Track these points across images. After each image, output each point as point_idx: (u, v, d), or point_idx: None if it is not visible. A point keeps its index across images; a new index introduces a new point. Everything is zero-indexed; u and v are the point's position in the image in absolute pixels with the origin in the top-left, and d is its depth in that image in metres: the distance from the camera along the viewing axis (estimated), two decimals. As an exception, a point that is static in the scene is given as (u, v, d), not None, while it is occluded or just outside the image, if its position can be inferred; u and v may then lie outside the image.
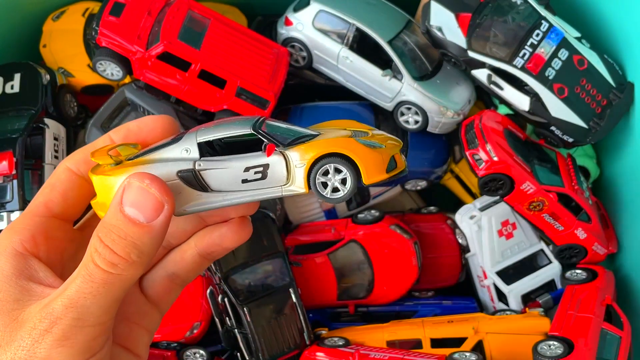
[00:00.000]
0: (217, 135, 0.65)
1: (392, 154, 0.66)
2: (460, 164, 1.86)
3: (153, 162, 0.64)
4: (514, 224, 1.69)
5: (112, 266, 0.55)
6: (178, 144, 0.65)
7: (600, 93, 1.58)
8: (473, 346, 1.44)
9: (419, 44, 1.71)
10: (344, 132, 0.68)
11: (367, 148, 0.64)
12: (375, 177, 0.65)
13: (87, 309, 0.55)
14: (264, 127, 0.66)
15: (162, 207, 0.56)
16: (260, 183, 0.64)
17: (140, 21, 1.59)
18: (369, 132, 0.70)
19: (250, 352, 1.49)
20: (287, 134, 0.66)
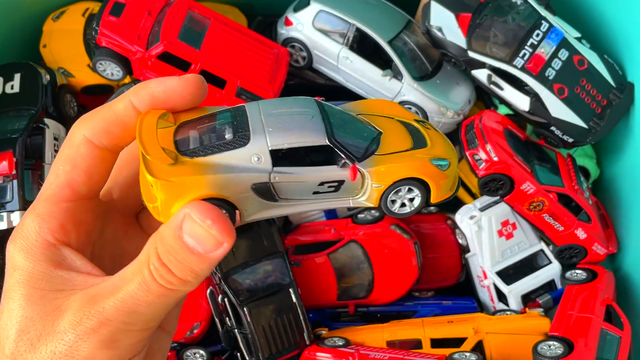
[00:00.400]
0: (292, 144, 0.61)
1: (456, 170, 0.68)
2: (460, 164, 1.86)
3: (223, 170, 0.59)
4: (514, 224, 1.69)
5: (169, 283, 0.55)
6: (248, 148, 0.60)
7: (600, 93, 1.58)
8: (473, 346, 1.44)
9: (419, 44, 1.71)
10: (401, 136, 0.68)
11: (440, 172, 0.66)
12: (442, 197, 0.68)
13: (140, 315, 0.55)
14: (336, 130, 0.63)
15: (222, 245, 0.54)
16: (331, 195, 0.64)
17: (141, 21, 1.59)
18: (422, 131, 0.70)
19: (250, 352, 1.49)
20: (352, 132, 0.65)
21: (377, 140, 0.66)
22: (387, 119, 0.70)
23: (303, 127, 0.62)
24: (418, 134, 0.69)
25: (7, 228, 1.45)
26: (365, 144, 0.64)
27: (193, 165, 0.59)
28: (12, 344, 0.55)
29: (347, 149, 0.63)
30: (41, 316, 0.56)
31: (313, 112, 0.64)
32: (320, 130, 0.62)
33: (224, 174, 0.59)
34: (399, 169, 0.64)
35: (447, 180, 0.67)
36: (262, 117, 0.63)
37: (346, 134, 0.64)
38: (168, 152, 0.58)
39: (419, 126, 0.71)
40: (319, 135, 0.62)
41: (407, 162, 0.65)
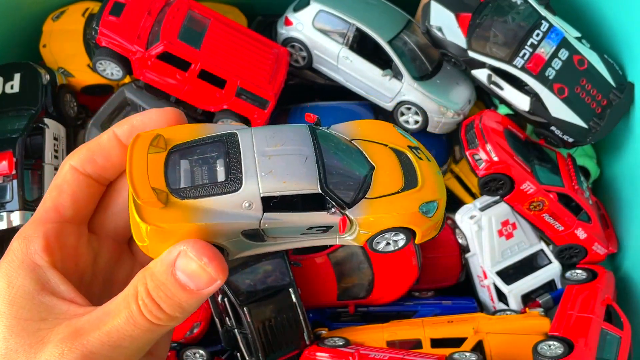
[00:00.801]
0: (284, 192, 0.61)
1: (444, 211, 0.69)
2: (460, 164, 1.86)
3: (211, 216, 0.59)
4: (514, 224, 1.69)
5: (156, 319, 0.56)
6: (239, 194, 0.60)
7: (601, 93, 1.58)
8: (473, 346, 1.44)
9: (419, 44, 1.71)
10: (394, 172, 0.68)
11: (427, 219, 0.67)
12: (426, 238, 0.70)
13: (124, 349, 0.55)
14: (330, 177, 0.63)
15: (215, 282, 0.56)
16: (319, 235, 0.66)
17: (140, 21, 1.59)
18: (414, 165, 0.70)
19: (250, 352, 1.49)
20: (344, 170, 0.65)
21: (369, 180, 0.66)
22: (381, 147, 0.71)
23: (296, 174, 0.62)
24: (410, 168, 0.70)
25: (7, 228, 1.45)
26: (355, 187, 0.65)
27: (183, 209, 0.59)
28: None
29: (338, 195, 0.63)
30: (25, 348, 0.56)
31: (307, 152, 0.63)
32: (313, 177, 0.62)
33: (214, 222, 0.59)
34: (388, 220, 0.66)
35: (435, 225, 0.69)
36: (255, 155, 0.61)
37: (339, 177, 0.64)
38: (159, 193, 0.58)
39: (412, 156, 0.71)
40: (312, 183, 0.62)
41: (396, 212, 0.66)
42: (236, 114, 1.65)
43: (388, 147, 0.71)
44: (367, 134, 0.72)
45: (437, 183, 0.70)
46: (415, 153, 0.72)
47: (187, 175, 0.60)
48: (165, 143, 0.63)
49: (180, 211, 0.58)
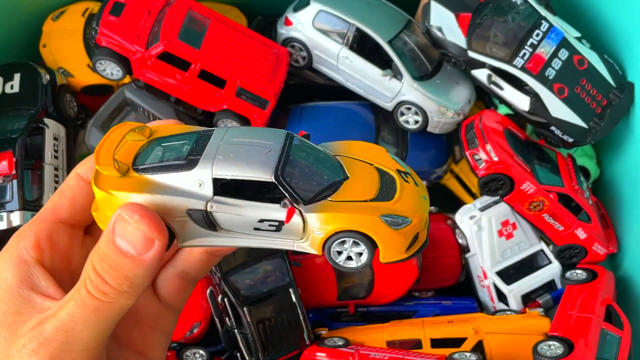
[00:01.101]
0: (236, 175, 0.60)
1: (417, 231, 0.63)
2: (460, 164, 1.86)
3: (162, 191, 0.59)
4: (514, 224, 1.69)
5: (103, 295, 0.55)
6: (192, 173, 0.60)
7: (601, 93, 1.58)
8: (473, 346, 1.44)
9: (419, 44, 1.71)
10: (369, 184, 0.64)
11: (390, 230, 0.61)
12: (393, 258, 0.62)
13: (77, 333, 0.55)
14: (288, 168, 0.60)
15: (153, 243, 0.55)
16: (273, 234, 0.62)
17: (140, 21, 1.59)
18: (396, 182, 0.65)
19: (250, 352, 1.49)
20: (311, 172, 0.62)
21: (337, 186, 0.62)
22: (366, 165, 0.67)
23: (252, 160, 0.60)
24: (390, 186, 0.65)
25: (7, 228, 1.45)
26: (318, 188, 0.61)
27: (137, 181, 0.59)
28: None
29: (294, 189, 0.60)
30: (2, 342, 0.57)
31: (273, 146, 0.62)
32: (270, 166, 0.60)
33: (161, 195, 0.59)
34: (341, 219, 0.60)
35: (401, 239, 0.61)
36: (221, 143, 0.62)
37: (301, 174, 0.61)
38: (120, 165, 0.60)
39: (397, 177, 0.67)
40: (266, 171, 0.59)
41: (352, 213, 0.61)
42: (236, 114, 1.65)
43: (373, 166, 0.67)
44: (355, 152, 0.68)
45: (417, 204, 0.64)
46: (403, 176, 0.68)
47: (154, 157, 0.61)
48: (151, 134, 0.65)
49: (134, 183, 0.59)
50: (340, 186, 0.62)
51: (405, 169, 0.69)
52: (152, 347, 0.68)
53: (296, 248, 0.63)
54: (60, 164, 1.62)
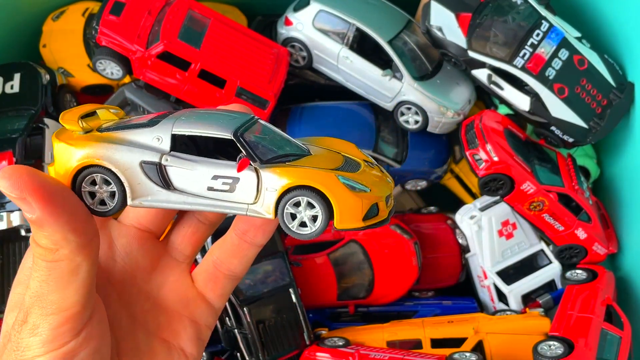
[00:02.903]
0: (195, 132, 0.60)
1: (376, 201, 0.60)
2: (460, 164, 1.86)
3: (120, 142, 0.60)
4: (514, 224, 1.69)
5: (41, 255, 0.56)
6: (152, 129, 0.60)
7: (601, 93, 1.58)
8: (473, 346, 1.44)
9: (419, 44, 1.71)
10: (331, 161, 0.63)
11: (347, 190, 0.59)
12: (348, 223, 0.59)
13: (46, 297, 0.56)
14: (248, 133, 0.60)
15: (25, 199, 0.53)
16: (226, 195, 0.60)
17: (141, 20, 1.59)
18: (361, 165, 0.65)
19: (250, 352, 1.49)
20: (272, 145, 0.62)
21: (296, 157, 0.61)
22: (332, 152, 0.66)
23: (215, 122, 0.61)
24: (354, 166, 0.64)
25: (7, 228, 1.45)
26: (277, 152, 0.60)
27: (96, 136, 0.60)
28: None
29: (252, 148, 0.59)
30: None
31: (238, 117, 0.62)
32: (230, 127, 0.60)
33: (116, 145, 0.60)
34: (296, 174, 0.58)
35: (359, 202, 0.59)
36: (187, 112, 0.63)
37: (262, 140, 0.61)
38: (84, 124, 0.61)
39: (362, 163, 0.66)
40: (226, 129, 0.59)
41: (309, 170, 0.59)
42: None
43: (339, 153, 0.66)
44: (324, 143, 0.68)
45: (378, 181, 0.63)
46: (368, 164, 0.66)
47: (118, 124, 0.63)
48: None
49: (92, 137, 0.60)
50: (300, 156, 0.62)
51: (372, 161, 0.68)
52: (180, 336, 0.68)
53: (249, 213, 0.60)
54: (60, 164, 1.62)
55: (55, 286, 0.56)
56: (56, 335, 0.56)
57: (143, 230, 0.70)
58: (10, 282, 1.51)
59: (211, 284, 0.70)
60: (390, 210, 0.63)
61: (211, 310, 0.71)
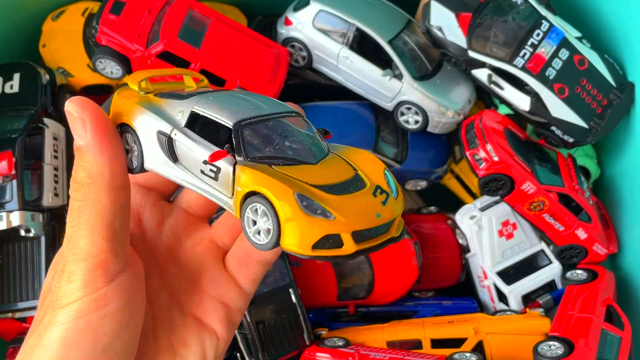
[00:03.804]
0: (207, 114, 0.60)
1: (338, 232, 0.54)
2: (461, 164, 1.86)
3: (152, 108, 0.62)
4: (514, 224, 1.69)
5: (75, 194, 0.59)
6: (181, 102, 0.62)
7: (601, 93, 1.58)
8: (473, 347, 1.44)
9: (419, 43, 1.71)
10: (330, 176, 0.59)
11: (298, 209, 0.53)
12: (293, 246, 0.54)
13: (77, 243, 0.58)
14: (258, 126, 0.59)
15: (85, 123, 0.58)
16: (212, 182, 0.60)
17: (141, 20, 1.59)
18: (366, 187, 0.59)
19: (250, 352, 1.49)
20: (273, 141, 0.60)
21: (289, 163, 0.58)
22: (349, 166, 0.62)
23: (230, 108, 0.60)
24: (354, 186, 0.59)
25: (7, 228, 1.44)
26: (269, 154, 0.58)
27: (146, 98, 0.64)
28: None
29: (243, 142, 0.57)
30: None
31: (263, 108, 0.61)
32: (237, 116, 0.58)
33: (148, 110, 0.62)
34: (258, 180, 0.55)
35: (308, 227, 0.53)
36: (225, 93, 0.65)
37: (264, 138, 0.58)
38: (143, 85, 0.65)
39: (368, 187, 0.60)
40: (231, 118, 0.59)
41: (274, 179, 0.55)
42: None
43: (355, 169, 0.62)
44: (351, 155, 0.64)
45: (359, 213, 0.55)
46: (377, 190, 0.60)
47: (170, 93, 0.66)
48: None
49: (143, 98, 0.64)
50: (294, 164, 0.58)
51: (389, 190, 0.61)
52: (212, 317, 0.70)
53: (226, 207, 0.60)
54: (60, 164, 1.62)
55: (83, 232, 0.58)
56: (88, 280, 0.58)
57: (191, 214, 0.74)
58: (10, 282, 1.51)
59: (243, 269, 0.73)
60: (366, 249, 0.57)
61: (243, 294, 0.74)
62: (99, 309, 0.58)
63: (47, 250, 1.51)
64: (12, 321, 1.57)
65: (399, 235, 0.58)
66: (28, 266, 1.52)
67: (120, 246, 0.60)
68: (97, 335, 0.58)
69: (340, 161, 0.63)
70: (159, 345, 0.67)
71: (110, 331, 0.58)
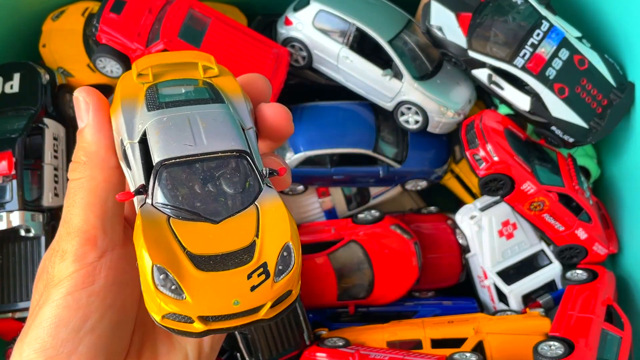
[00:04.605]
0: (149, 140, 0.60)
1: (188, 315, 0.51)
2: (461, 164, 1.86)
3: (128, 110, 0.62)
4: (515, 224, 1.69)
5: (72, 172, 0.62)
6: (148, 113, 0.61)
7: (601, 93, 1.58)
8: (473, 347, 1.44)
9: (419, 43, 1.71)
10: (220, 243, 0.55)
11: (152, 284, 0.51)
12: (149, 309, 0.54)
13: (71, 221, 0.61)
14: (167, 170, 0.57)
15: (88, 107, 0.63)
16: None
17: (141, 19, 1.59)
18: (249, 268, 0.53)
19: (250, 353, 1.49)
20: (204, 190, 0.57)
21: (197, 219, 0.55)
22: (252, 234, 0.56)
23: (170, 140, 0.58)
24: (236, 261, 0.54)
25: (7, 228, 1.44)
26: (178, 204, 0.56)
27: (131, 92, 0.64)
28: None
29: (155, 184, 0.56)
30: None
31: (198, 144, 0.58)
32: (167, 153, 0.57)
33: (122, 111, 0.62)
34: (136, 234, 0.54)
35: (155, 302, 0.51)
36: (183, 117, 0.62)
37: (186, 184, 0.56)
38: (143, 76, 0.65)
39: (253, 265, 0.54)
40: (160, 154, 0.57)
41: (143, 238, 0.53)
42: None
43: (256, 240, 0.55)
44: (267, 212, 0.57)
45: (218, 297, 0.51)
46: (262, 268, 0.54)
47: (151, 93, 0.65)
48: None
49: (130, 92, 0.64)
50: (193, 219, 0.55)
51: (274, 271, 0.54)
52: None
53: None
54: (60, 164, 1.62)
55: (78, 209, 0.61)
56: (79, 255, 0.60)
57: None
58: (10, 281, 1.51)
59: None
60: (230, 327, 0.52)
61: None
62: (86, 286, 0.59)
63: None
64: (12, 321, 1.57)
65: (270, 318, 0.54)
66: (28, 266, 1.52)
67: (111, 225, 0.62)
68: (85, 313, 0.58)
69: (247, 222, 0.56)
70: (156, 334, 0.67)
71: (97, 309, 0.59)
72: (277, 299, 0.53)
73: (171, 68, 0.67)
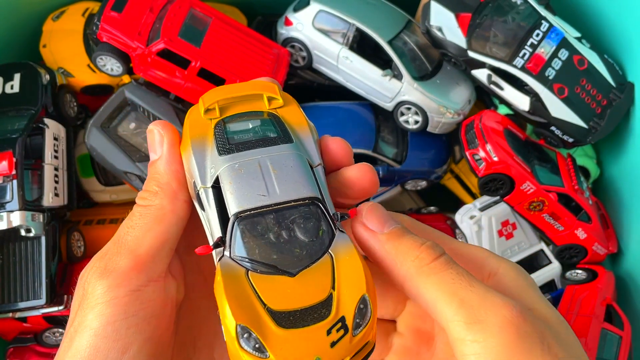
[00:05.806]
0: (223, 189, 0.57)
1: None
2: (460, 164, 1.86)
3: (199, 152, 0.59)
4: (514, 224, 1.69)
5: (142, 200, 0.61)
6: (219, 158, 0.58)
7: (601, 93, 1.58)
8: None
9: (419, 44, 1.71)
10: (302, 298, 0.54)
11: (236, 343, 0.50)
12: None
13: (124, 239, 0.59)
14: (244, 222, 0.55)
15: (162, 139, 0.63)
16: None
17: (142, 17, 1.59)
18: (329, 322, 0.52)
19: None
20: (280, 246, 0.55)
21: (274, 273, 0.54)
22: (323, 289, 0.55)
23: (243, 189, 0.57)
24: (323, 311, 0.53)
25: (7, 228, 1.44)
26: (255, 257, 0.55)
27: (201, 132, 0.63)
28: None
29: (232, 238, 0.55)
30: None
31: (273, 195, 0.57)
32: (242, 204, 0.56)
33: (192, 153, 0.61)
34: (217, 290, 0.54)
35: (235, 353, 0.51)
36: (262, 156, 0.60)
37: (262, 236, 0.55)
38: (211, 110, 0.64)
39: (332, 318, 0.53)
40: (235, 205, 0.56)
41: (225, 296, 0.53)
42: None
43: (333, 292, 0.55)
44: (341, 261, 0.56)
45: (300, 355, 0.51)
46: (341, 322, 0.54)
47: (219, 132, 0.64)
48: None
49: (200, 131, 0.63)
50: (271, 273, 0.54)
51: (352, 324, 0.54)
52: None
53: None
54: (60, 164, 1.62)
55: (137, 232, 0.59)
56: (123, 278, 0.57)
57: None
58: (10, 281, 1.51)
59: None
60: None
61: None
62: (127, 317, 0.56)
63: (47, 250, 1.51)
64: (12, 321, 1.57)
65: None
66: (28, 266, 1.52)
67: (163, 256, 0.60)
68: (124, 344, 0.56)
69: (323, 273, 0.55)
70: (199, 357, 0.65)
71: (135, 341, 0.56)
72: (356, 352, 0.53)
73: (236, 100, 0.65)
